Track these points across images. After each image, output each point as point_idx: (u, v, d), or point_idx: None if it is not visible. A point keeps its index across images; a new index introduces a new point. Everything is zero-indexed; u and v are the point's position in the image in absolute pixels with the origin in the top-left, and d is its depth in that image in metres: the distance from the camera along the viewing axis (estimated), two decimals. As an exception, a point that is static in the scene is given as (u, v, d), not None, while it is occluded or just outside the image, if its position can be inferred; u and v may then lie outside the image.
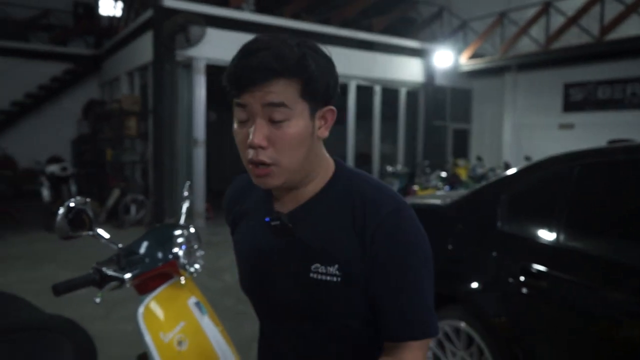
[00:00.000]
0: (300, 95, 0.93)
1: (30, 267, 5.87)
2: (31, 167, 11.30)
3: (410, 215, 1.00)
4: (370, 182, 1.04)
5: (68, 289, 1.43)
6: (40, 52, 12.71)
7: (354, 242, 0.98)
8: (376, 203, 0.99)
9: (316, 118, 0.98)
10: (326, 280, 0.99)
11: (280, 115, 0.93)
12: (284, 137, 0.94)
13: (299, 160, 0.97)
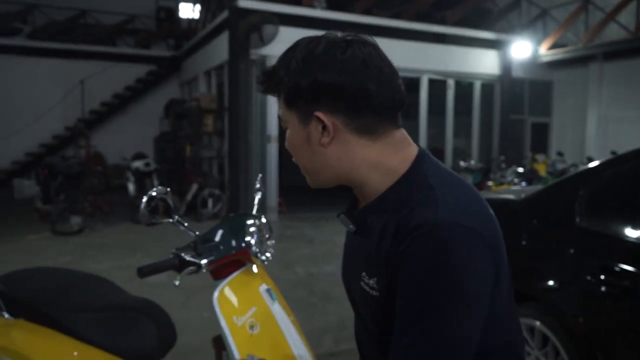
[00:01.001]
0: (286, 105, 0.98)
1: (120, 256, 6.29)
2: (118, 163, 12.06)
3: (441, 236, 0.84)
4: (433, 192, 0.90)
5: (151, 272, 1.55)
6: (126, 55, 13.55)
7: (387, 258, 0.91)
8: (414, 214, 0.88)
9: (309, 125, 0.95)
10: (367, 291, 0.97)
11: (283, 124, 1.02)
12: (287, 142, 1.02)
13: (307, 163, 1.00)
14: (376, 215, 0.96)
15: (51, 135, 12.72)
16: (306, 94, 0.93)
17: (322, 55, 0.92)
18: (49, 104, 12.45)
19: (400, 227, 0.89)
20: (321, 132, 0.95)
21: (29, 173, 11.94)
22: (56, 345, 1.84)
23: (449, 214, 0.86)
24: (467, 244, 0.85)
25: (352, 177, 0.98)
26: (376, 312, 0.97)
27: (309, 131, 0.96)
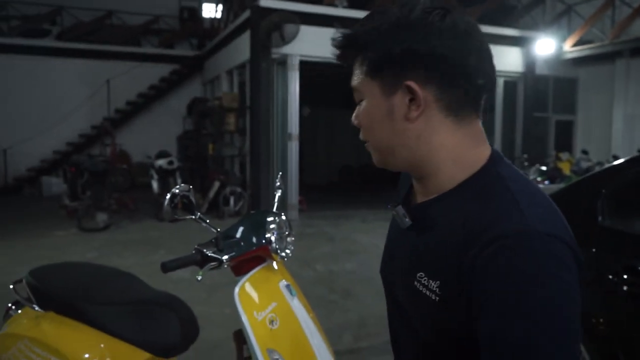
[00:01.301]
0: (367, 73, 0.88)
1: (144, 252, 6.42)
2: (142, 161, 12.27)
3: (532, 247, 0.73)
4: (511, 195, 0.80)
5: (174, 267, 1.60)
6: (151, 55, 13.76)
7: (457, 262, 0.79)
8: (495, 218, 0.78)
9: (394, 97, 0.85)
10: (425, 294, 0.85)
11: (357, 96, 0.92)
12: (360, 117, 0.92)
13: (382, 140, 0.89)
14: (444, 212, 0.86)
15: (78, 134, 13.00)
16: (397, 61, 0.83)
17: (418, 21, 0.83)
18: (76, 103, 12.73)
19: (477, 231, 0.77)
20: (408, 104, 0.85)
21: (57, 171, 12.25)
22: (84, 337, 1.91)
23: (539, 223, 0.75)
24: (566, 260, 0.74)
25: (425, 163, 0.88)
26: (429, 316, 0.85)
27: (393, 103, 0.86)
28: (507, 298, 0.72)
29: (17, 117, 12.41)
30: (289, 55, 8.89)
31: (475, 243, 0.76)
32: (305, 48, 8.94)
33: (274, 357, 1.62)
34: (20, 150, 12.44)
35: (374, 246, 6.85)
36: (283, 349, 1.64)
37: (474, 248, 0.76)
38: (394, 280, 0.99)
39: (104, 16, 13.98)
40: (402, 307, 0.96)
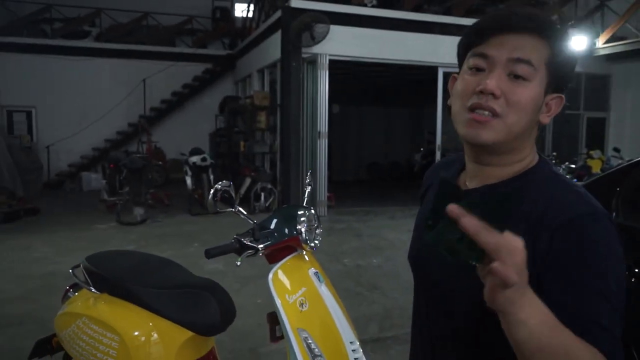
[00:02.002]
0: (545, 61, 0.91)
1: (179, 245, 6.72)
2: (177, 157, 12.66)
3: (606, 226, 0.87)
4: (567, 185, 0.94)
5: (216, 254, 1.81)
6: (185, 55, 14.16)
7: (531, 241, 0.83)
8: (564, 204, 0.89)
9: (546, 98, 0.94)
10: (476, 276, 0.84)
11: (524, 71, 0.90)
12: (519, 94, 0.90)
13: (522, 125, 0.92)
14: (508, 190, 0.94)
15: (116, 131, 13.49)
16: (568, 75, 0.95)
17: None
18: (114, 101, 13.21)
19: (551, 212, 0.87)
20: (549, 107, 0.95)
21: (96, 167, 12.77)
22: (134, 316, 2.15)
23: (596, 206, 0.89)
24: (611, 229, 0.88)
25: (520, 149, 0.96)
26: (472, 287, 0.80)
27: (543, 101, 0.94)
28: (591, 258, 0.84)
29: (59, 116, 12.97)
30: (319, 55, 9.08)
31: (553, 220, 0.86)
32: (335, 47, 9.11)
33: (303, 335, 1.82)
34: (61, 147, 13.02)
35: (400, 242, 6.99)
36: (311, 329, 1.84)
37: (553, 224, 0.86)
38: (429, 261, 1.03)
39: (141, 17, 14.44)
40: (439, 286, 1.00)
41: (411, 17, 9.82)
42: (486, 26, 0.93)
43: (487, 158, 0.98)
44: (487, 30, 0.92)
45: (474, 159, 1.00)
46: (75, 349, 2.25)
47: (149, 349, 2.12)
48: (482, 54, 0.92)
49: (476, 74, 0.93)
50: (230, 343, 3.58)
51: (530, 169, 0.97)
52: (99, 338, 2.15)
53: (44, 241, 6.87)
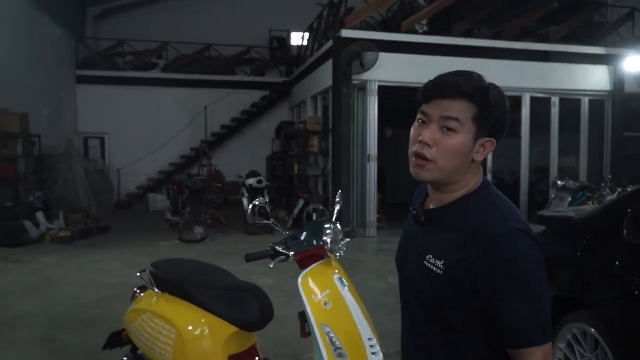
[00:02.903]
0: (471, 117, 1.19)
1: (234, 262, 7.16)
2: (235, 180, 13.33)
3: (524, 242, 1.16)
4: (496, 205, 1.22)
5: (254, 258, 2.19)
6: (243, 83, 14.97)
7: (463, 251, 1.18)
8: (491, 222, 1.18)
9: (477, 143, 1.21)
10: (432, 270, 1.24)
11: (452, 125, 1.18)
12: (447, 143, 1.19)
13: (452, 166, 1.20)
14: (453, 215, 1.25)
15: (179, 155, 14.39)
16: (495, 124, 1.22)
17: (505, 103, 1.24)
18: (178, 127, 14.13)
19: (479, 230, 1.17)
20: (480, 150, 1.23)
21: (161, 188, 13.66)
22: (189, 312, 2.55)
23: (520, 224, 1.19)
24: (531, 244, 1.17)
25: (458, 181, 1.25)
26: (436, 286, 1.23)
27: (474, 145, 1.21)
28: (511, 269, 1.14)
29: (129, 141, 14.02)
30: (368, 81, 9.46)
31: (481, 238, 1.16)
32: (384, 73, 9.46)
33: (326, 330, 2.14)
34: (130, 170, 14.05)
35: (446, 262, 7.13)
36: (334, 325, 2.16)
37: (481, 242, 1.15)
38: (408, 264, 1.37)
39: (203, 49, 15.43)
40: (414, 283, 1.33)
41: (459, 42, 10.05)
42: (428, 91, 1.24)
43: (436, 187, 1.29)
44: (429, 94, 1.23)
45: (430, 188, 1.33)
46: (140, 340, 2.67)
47: (200, 340, 2.51)
48: (424, 111, 1.24)
49: (421, 126, 1.24)
50: (275, 349, 3.93)
51: (471, 192, 1.26)
52: (160, 330, 2.56)
53: (114, 256, 7.54)
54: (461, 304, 1.21)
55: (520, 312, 1.15)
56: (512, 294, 1.14)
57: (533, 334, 1.15)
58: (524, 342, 1.15)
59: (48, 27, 12.07)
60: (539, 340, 1.15)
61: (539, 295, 1.16)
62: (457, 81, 1.20)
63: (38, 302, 5.25)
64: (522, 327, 1.15)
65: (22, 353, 3.98)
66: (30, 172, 10.02)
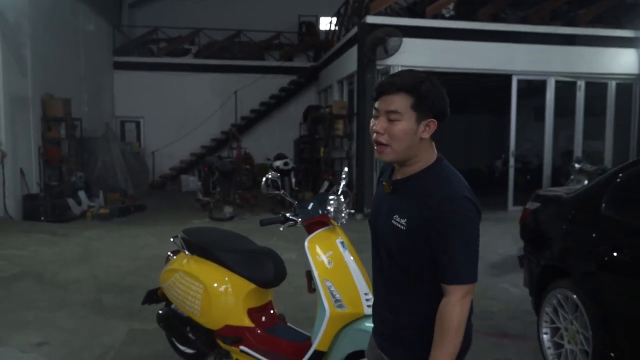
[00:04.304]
0: (411, 106, 1.52)
1: (260, 239, 7.57)
2: (263, 162, 13.78)
3: (463, 204, 1.50)
4: (446, 176, 1.56)
5: (267, 223, 2.59)
6: (272, 68, 15.35)
7: (421, 210, 1.52)
8: (440, 189, 1.52)
9: (421, 124, 1.53)
10: (398, 227, 1.58)
11: (394, 116, 1.52)
12: (394, 130, 1.52)
13: (403, 147, 1.53)
14: (414, 184, 1.59)
15: (210, 138, 14.93)
16: (435, 110, 1.54)
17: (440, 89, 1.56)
18: (209, 111, 14.65)
19: (433, 194, 1.51)
20: (424, 131, 1.54)
21: (193, 170, 14.25)
22: (215, 272, 2.98)
23: (462, 191, 1.53)
24: (470, 206, 1.51)
25: (414, 159, 1.58)
26: (401, 239, 1.56)
27: (419, 127, 1.53)
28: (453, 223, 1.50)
29: (163, 125, 14.63)
30: (392, 66, 9.69)
31: (433, 201, 1.50)
32: (408, 59, 9.66)
33: (328, 284, 2.53)
34: (164, 152, 14.70)
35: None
36: (335, 280, 2.54)
37: (433, 203, 1.50)
38: (379, 223, 1.71)
39: (234, 35, 15.84)
40: (384, 239, 1.66)
41: (484, 27, 10.15)
42: (377, 90, 1.60)
43: (399, 164, 1.64)
44: (377, 93, 1.59)
45: (395, 164, 1.68)
46: (173, 295, 3.12)
47: (224, 295, 2.94)
48: (375, 107, 1.59)
49: (376, 119, 1.60)
50: (293, 313, 4.34)
51: (428, 167, 1.60)
52: (190, 287, 3.00)
53: (150, 232, 8.10)
54: (418, 253, 1.56)
55: (456, 257, 1.50)
56: (453, 243, 1.50)
57: (463, 274, 1.50)
58: (455, 279, 1.50)
59: (88, 16, 12.68)
60: (466, 279, 1.50)
61: (471, 247, 1.51)
62: (395, 80, 1.55)
63: (84, 269, 5.82)
64: (455, 268, 1.50)
65: (73, 312, 4.52)
66: (73, 153, 10.68)
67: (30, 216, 8.89)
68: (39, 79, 9.70)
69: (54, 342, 3.85)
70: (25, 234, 7.49)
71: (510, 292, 5.13)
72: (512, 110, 10.53)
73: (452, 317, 1.48)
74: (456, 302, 1.49)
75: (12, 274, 5.51)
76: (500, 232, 7.68)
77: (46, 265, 5.95)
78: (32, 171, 9.50)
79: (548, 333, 3.34)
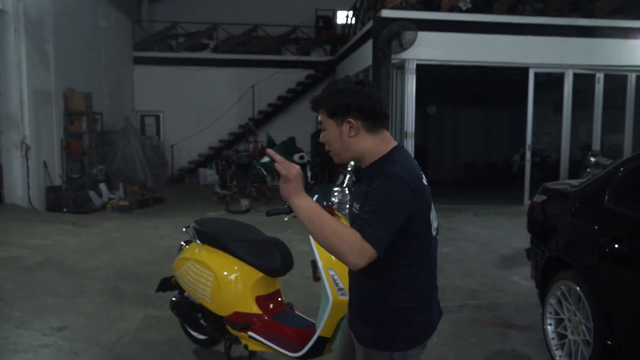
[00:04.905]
0: (327, 115, 1.78)
1: (275, 231, 7.71)
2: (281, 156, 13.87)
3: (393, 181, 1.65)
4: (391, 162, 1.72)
5: (273, 213, 2.68)
6: (289, 62, 15.43)
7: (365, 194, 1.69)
8: (382, 169, 1.69)
9: (343, 126, 1.75)
10: (355, 212, 1.80)
11: (323, 128, 1.82)
12: (326, 139, 1.81)
13: (339, 149, 1.79)
14: (367, 173, 1.78)
15: (228, 132, 15.11)
16: (343, 110, 1.74)
17: (351, 89, 1.74)
18: (227, 106, 14.82)
19: (375, 179, 1.69)
20: (349, 130, 1.74)
21: (211, 163, 14.45)
22: (225, 260, 3.09)
23: (395, 171, 1.69)
24: (398, 183, 1.66)
25: (359, 155, 1.81)
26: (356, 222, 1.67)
27: (342, 129, 1.76)
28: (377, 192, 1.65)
29: (182, 119, 14.86)
30: (407, 60, 9.71)
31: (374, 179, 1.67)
32: (423, 52, 9.67)
33: (331, 273, 2.62)
34: (183, 146, 14.94)
35: (476, 235, 7.45)
36: (338, 269, 2.63)
37: (373, 181, 1.67)
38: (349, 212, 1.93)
39: (251, 29, 15.96)
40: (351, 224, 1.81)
41: (500, 20, 10.08)
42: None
43: (354, 161, 1.90)
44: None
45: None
46: (185, 283, 3.25)
47: (233, 283, 3.05)
48: (318, 119, 1.85)
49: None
50: (303, 301, 4.45)
51: (379, 158, 1.78)
52: (201, 274, 3.12)
53: (168, 223, 8.29)
54: None
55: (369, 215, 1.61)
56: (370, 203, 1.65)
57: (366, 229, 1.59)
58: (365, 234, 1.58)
59: (109, 12, 12.92)
60: (367, 235, 1.58)
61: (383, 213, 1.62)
62: (313, 101, 1.84)
63: (103, 259, 6.02)
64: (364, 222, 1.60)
65: (92, 298, 4.71)
66: (94, 147, 10.95)
67: (53, 207, 9.16)
68: (62, 74, 9.95)
69: (73, 326, 4.03)
70: (48, 225, 7.74)
71: (520, 285, 5.16)
72: (529, 103, 10.46)
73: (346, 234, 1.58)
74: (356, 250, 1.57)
75: (35, 262, 5.72)
76: (513, 226, 7.68)
77: (67, 254, 6.17)
78: (55, 164, 9.78)
79: (552, 324, 3.39)
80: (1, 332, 3.88)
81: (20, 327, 3.97)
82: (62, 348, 3.66)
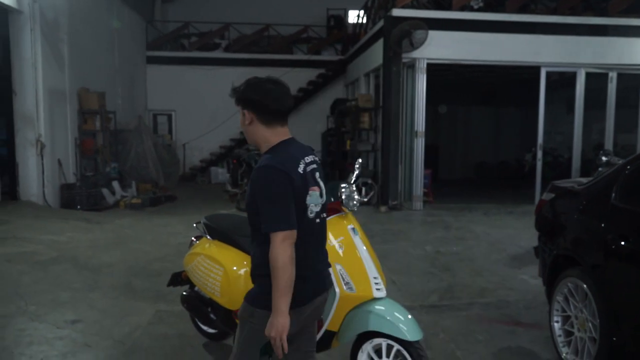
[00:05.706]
0: (236, 104, 2.12)
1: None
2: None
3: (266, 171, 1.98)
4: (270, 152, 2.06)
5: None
6: (301, 61, 15.48)
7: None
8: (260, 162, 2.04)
9: (244, 115, 2.10)
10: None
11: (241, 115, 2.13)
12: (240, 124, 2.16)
13: (246, 134, 2.16)
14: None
15: (239, 131, 15.16)
16: (243, 101, 2.09)
17: (256, 84, 2.09)
18: (238, 105, 14.89)
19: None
20: (244, 119, 2.11)
21: (222, 162, 14.55)
22: (234, 255, 3.14)
23: (270, 161, 2.00)
24: (273, 172, 1.97)
25: (257, 143, 2.15)
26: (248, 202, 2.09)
27: (244, 118, 2.10)
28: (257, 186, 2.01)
29: (194, 118, 14.98)
30: (417, 59, 9.71)
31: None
32: (434, 51, 9.67)
33: (338, 268, 2.66)
34: (195, 145, 15.07)
35: (485, 234, 7.44)
36: (345, 264, 2.67)
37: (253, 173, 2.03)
38: None
39: (262, 29, 16.04)
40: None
41: (512, 19, 10.04)
42: None
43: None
44: None
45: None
46: (196, 277, 3.31)
47: (242, 278, 3.09)
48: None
49: None
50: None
51: (270, 148, 2.10)
52: (211, 269, 3.18)
53: (179, 221, 8.39)
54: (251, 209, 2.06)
55: (263, 212, 1.97)
56: (259, 201, 1.99)
57: (271, 224, 1.95)
58: (267, 228, 1.96)
59: (122, 12, 13.07)
60: (276, 228, 1.93)
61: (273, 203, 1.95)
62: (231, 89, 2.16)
63: (116, 255, 6.12)
64: (265, 220, 1.97)
65: (104, 293, 4.80)
66: (107, 145, 11.09)
67: (67, 204, 9.31)
68: (76, 74, 10.10)
69: (86, 320, 4.12)
70: (62, 221, 7.87)
71: (529, 283, 5.16)
72: (541, 102, 10.41)
73: (275, 257, 1.92)
74: (276, 246, 1.92)
75: (49, 257, 5.84)
76: (523, 226, 7.65)
77: (81, 250, 6.28)
78: (69, 162, 9.92)
79: (559, 321, 3.40)
80: (17, 324, 3.98)
81: (35, 320, 4.06)
82: (75, 341, 3.75)
